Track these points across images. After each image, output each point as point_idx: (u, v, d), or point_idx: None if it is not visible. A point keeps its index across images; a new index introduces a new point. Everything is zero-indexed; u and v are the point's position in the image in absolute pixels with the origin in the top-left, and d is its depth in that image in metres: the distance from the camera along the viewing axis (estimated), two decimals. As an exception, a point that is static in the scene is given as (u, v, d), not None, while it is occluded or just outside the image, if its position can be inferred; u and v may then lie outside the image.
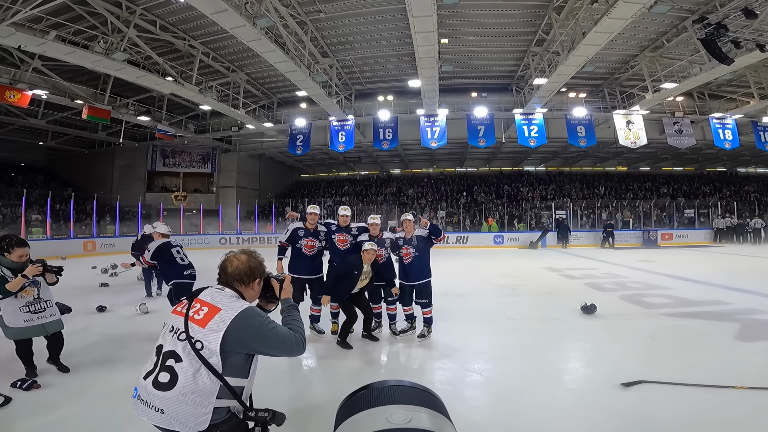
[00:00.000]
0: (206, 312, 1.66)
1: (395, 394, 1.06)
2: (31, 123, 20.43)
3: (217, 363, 1.58)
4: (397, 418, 0.91)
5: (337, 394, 3.18)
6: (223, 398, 1.60)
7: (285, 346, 1.70)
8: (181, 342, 1.62)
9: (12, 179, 23.91)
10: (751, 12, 9.12)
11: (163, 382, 1.58)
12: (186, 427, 1.55)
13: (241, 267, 1.81)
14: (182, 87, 15.97)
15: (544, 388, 3.40)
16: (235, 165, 26.14)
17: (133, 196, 23.25)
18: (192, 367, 1.57)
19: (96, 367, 3.81)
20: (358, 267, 4.51)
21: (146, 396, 1.60)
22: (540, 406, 3.07)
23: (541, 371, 3.78)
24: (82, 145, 25.45)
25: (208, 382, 1.57)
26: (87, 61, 13.47)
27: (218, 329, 1.61)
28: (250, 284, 1.83)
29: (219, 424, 1.60)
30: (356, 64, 17.71)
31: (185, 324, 1.64)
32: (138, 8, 13.21)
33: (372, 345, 4.67)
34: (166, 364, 1.61)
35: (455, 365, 4.01)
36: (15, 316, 3.34)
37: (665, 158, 28.00)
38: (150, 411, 1.58)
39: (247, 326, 1.64)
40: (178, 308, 1.75)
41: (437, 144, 19.19)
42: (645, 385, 3.32)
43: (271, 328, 1.69)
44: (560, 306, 6.46)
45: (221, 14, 10.43)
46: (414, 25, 10.85)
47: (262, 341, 1.67)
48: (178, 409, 1.55)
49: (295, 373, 3.96)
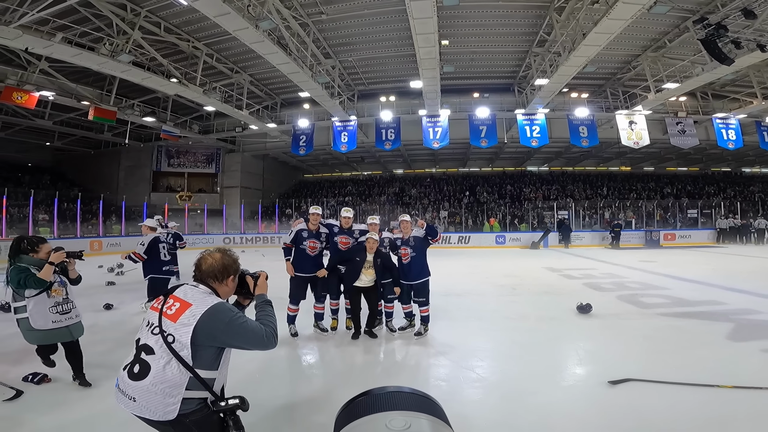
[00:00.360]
0: (178, 307, 1.75)
1: (395, 400, 1.05)
2: (38, 124, 20.71)
3: (187, 355, 1.66)
4: (397, 424, 0.92)
5: (335, 391, 3.33)
6: (193, 389, 1.67)
7: (254, 339, 1.76)
8: (154, 336, 1.71)
9: (19, 179, 24.23)
10: (750, 12, 9.14)
11: (135, 372, 1.68)
12: (155, 414, 1.64)
13: (215, 264, 1.89)
14: (186, 88, 16.15)
15: (535, 386, 3.49)
16: (239, 165, 26.35)
17: (139, 196, 23.48)
18: (163, 359, 1.66)
19: (105, 363, 3.94)
20: (361, 254, 4.76)
21: (123, 386, 1.71)
22: (531, 403, 3.17)
23: (533, 369, 3.88)
24: (88, 146, 25.72)
25: (177, 373, 1.65)
26: (93, 63, 13.67)
27: (189, 323, 1.69)
28: (224, 281, 1.90)
29: (188, 414, 1.66)
30: (358, 65, 17.83)
31: (159, 319, 1.73)
32: (142, 10, 13.38)
33: (371, 342, 4.81)
34: (140, 357, 1.70)
35: (450, 362, 4.12)
36: (44, 316, 3.18)
37: (669, 158, 27.91)
38: (125, 399, 1.69)
39: (217, 320, 1.72)
40: (154, 304, 1.82)
41: (439, 144, 19.28)
42: (633, 383, 3.41)
43: (241, 322, 1.76)
44: (557, 306, 6.54)
45: (224, 17, 10.58)
46: (414, 27, 10.94)
47: (231, 335, 1.73)
48: (148, 398, 1.64)
49: (294, 369, 4.07)
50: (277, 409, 3.10)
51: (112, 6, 12.77)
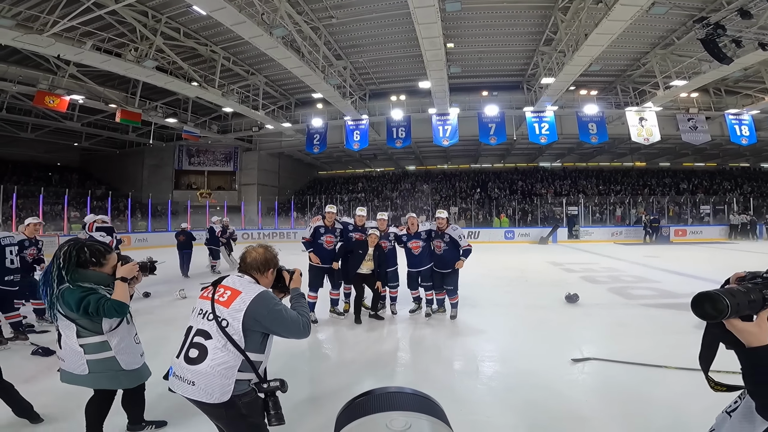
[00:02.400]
0: (229, 295, 1.89)
1: (395, 400, 1.03)
2: (67, 125, 21.94)
3: (239, 339, 1.80)
4: (397, 424, 0.91)
5: (338, 370, 3.92)
6: (243, 371, 1.82)
7: (293, 328, 1.90)
8: (209, 322, 1.84)
9: (50, 178, 25.67)
10: (746, 12, 9.28)
11: (192, 357, 1.81)
12: (212, 397, 1.77)
13: (258, 258, 2.06)
14: (206, 91, 16.97)
15: (504, 360, 4.03)
16: (256, 163, 27.27)
17: (162, 193, 24.62)
18: (219, 343, 1.80)
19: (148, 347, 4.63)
20: (364, 248, 5.47)
21: (180, 371, 1.84)
22: (494, 373, 3.72)
23: (507, 346, 4.44)
24: (114, 146, 27.02)
25: (232, 356, 1.79)
26: (120, 69, 14.56)
27: (240, 309, 1.83)
28: (265, 273, 2.06)
29: (240, 396, 1.81)
30: (369, 66, 18.34)
31: (212, 306, 1.87)
32: (163, 17, 14.15)
33: (375, 323, 5.51)
34: (195, 341, 1.84)
35: (434, 337, 4.69)
36: (133, 351, 2.44)
37: (685, 154, 27.56)
38: (183, 384, 1.82)
39: (262, 306, 1.86)
40: (204, 293, 1.96)
41: (449, 142, 19.68)
42: (593, 362, 3.89)
43: (282, 310, 1.90)
44: (548, 296, 6.99)
45: (240, 25, 11.26)
46: (420, 32, 11.39)
47: (272, 321, 1.87)
48: (207, 380, 1.77)
49: (313, 350, 4.69)
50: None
51: (134, 13, 13.57)
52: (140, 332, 2.60)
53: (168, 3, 13.41)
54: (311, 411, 3.05)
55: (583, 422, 2.84)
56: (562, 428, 2.79)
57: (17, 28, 11.64)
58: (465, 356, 4.32)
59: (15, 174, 23.90)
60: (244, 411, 1.84)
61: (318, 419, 2.86)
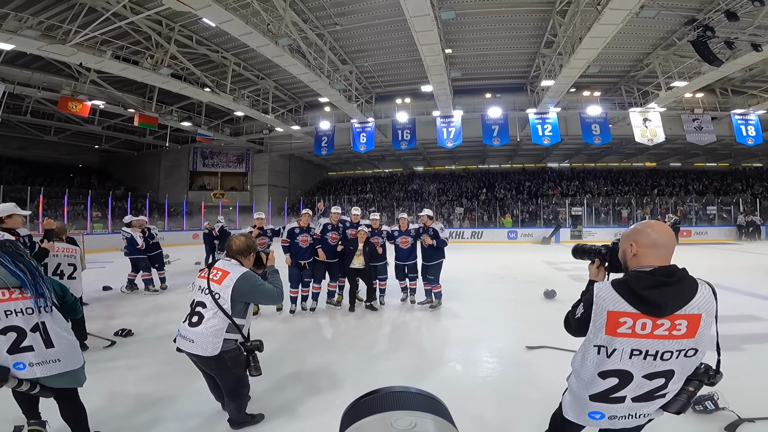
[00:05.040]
0: (221, 275, 2.47)
1: (401, 400, 1.03)
2: (88, 129, 23.01)
3: (228, 308, 2.40)
4: (402, 423, 0.90)
5: (328, 350, 4.46)
6: (230, 332, 2.42)
7: (270, 297, 2.57)
8: (206, 295, 2.44)
9: (71, 179, 26.92)
10: (732, 14, 9.47)
11: (194, 322, 2.43)
12: (206, 351, 2.38)
13: (241, 245, 2.63)
14: (219, 96, 17.72)
15: (469, 345, 4.51)
16: (267, 165, 28.09)
17: (178, 194, 25.60)
18: (212, 311, 2.40)
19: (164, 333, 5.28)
20: (354, 244, 6.09)
21: (184, 332, 2.46)
22: (458, 361, 4.17)
23: (474, 334, 4.90)
24: (132, 148, 28.15)
25: (220, 320, 2.39)
26: (138, 76, 15.39)
27: (229, 285, 2.42)
28: (247, 256, 2.65)
29: (227, 352, 2.42)
30: (374, 70, 18.86)
31: (208, 284, 2.45)
32: (176, 25, 14.94)
33: (370, 314, 6.06)
34: (195, 310, 2.45)
35: (416, 325, 5.17)
36: None
37: (696, 154, 27.32)
38: (185, 341, 2.44)
39: (246, 283, 2.45)
40: (202, 274, 2.55)
41: (453, 144, 20.04)
42: (546, 349, 4.30)
43: (261, 284, 2.54)
44: (531, 292, 7.36)
45: (248, 36, 11.90)
46: (418, 39, 11.84)
47: (255, 293, 2.50)
48: (203, 339, 2.38)
49: (316, 337, 5.23)
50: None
51: (149, 22, 14.33)
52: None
53: (180, 12, 14.08)
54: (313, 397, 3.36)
55: (514, 399, 3.30)
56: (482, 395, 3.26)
57: (42, 38, 12.48)
58: (438, 339, 4.84)
59: (39, 175, 25.18)
60: (230, 364, 2.45)
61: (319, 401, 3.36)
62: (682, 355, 1.45)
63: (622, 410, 1.52)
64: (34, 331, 2.13)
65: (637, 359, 1.45)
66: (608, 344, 1.47)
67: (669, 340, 1.42)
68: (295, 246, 6.06)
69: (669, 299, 1.40)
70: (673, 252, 1.51)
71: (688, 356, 1.45)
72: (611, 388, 1.50)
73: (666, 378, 1.47)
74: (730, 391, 2.85)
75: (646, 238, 1.50)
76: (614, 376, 1.50)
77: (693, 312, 1.41)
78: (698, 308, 1.42)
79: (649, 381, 1.47)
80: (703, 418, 2.77)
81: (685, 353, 1.45)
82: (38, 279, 2.19)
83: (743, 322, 5.31)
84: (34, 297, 2.14)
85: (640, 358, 1.44)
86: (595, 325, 1.51)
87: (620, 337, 1.45)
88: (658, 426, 2.65)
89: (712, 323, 1.44)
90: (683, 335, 1.42)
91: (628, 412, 1.52)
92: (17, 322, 2.11)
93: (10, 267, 2.15)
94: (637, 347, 1.44)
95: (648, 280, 1.43)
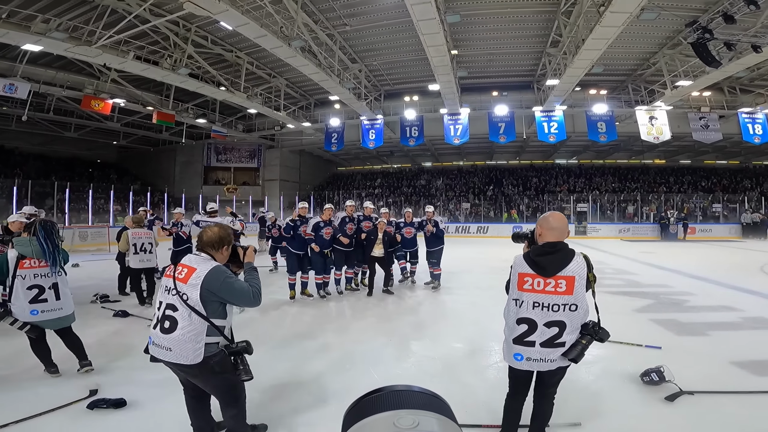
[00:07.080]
0: (186, 272, 2.11)
1: (403, 398, 1.06)
2: (107, 125, 23.87)
3: (200, 309, 2.04)
4: (405, 422, 0.91)
5: (347, 337, 5.01)
6: (211, 335, 2.08)
7: (244, 297, 2.13)
8: (173, 296, 2.09)
9: (91, 174, 27.91)
10: (730, 17, 9.71)
11: (166, 327, 2.07)
12: (188, 359, 2.03)
13: (213, 237, 2.25)
14: (233, 95, 18.39)
15: (443, 333, 4.94)
16: (278, 160, 28.78)
17: (193, 189, 26.47)
18: (185, 313, 2.05)
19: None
20: (374, 234, 6.91)
21: (158, 340, 2.09)
22: (428, 347, 4.52)
23: (449, 322, 5.47)
24: (148, 143, 29.03)
25: (197, 323, 2.04)
26: (158, 75, 16.10)
27: (196, 283, 2.06)
28: (220, 249, 2.25)
29: (211, 356, 2.07)
30: (383, 68, 19.31)
31: (173, 283, 2.11)
32: (192, 26, 15.56)
33: (388, 297, 6.81)
34: (166, 314, 2.09)
35: (411, 308, 5.76)
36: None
37: (705, 151, 27.23)
38: (162, 350, 2.08)
39: (215, 279, 2.08)
40: (168, 272, 2.20)
41: (460, 141, 20.46)
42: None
43: (233, 281, 2.13)
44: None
45: (262, 38, 12.47)
46: (425, 41, 12.27)
47: (225, 291, 2.10)
48: (181, 346, 2.03)
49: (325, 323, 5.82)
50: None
51: (167, 23, 14.93)
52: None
53: (197, 14, 14.74)
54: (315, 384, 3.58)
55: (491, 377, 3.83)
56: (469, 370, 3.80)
57: (69, 40, 13.17)
58: (431, 318, 5.49)
59: (60, 170, 26.19)
60: (218, 369, 2.11)
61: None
62: (568, 309, 2.02)
63: (535, 354, 2.08)
64: (51, 288, 3.31)
65: (537, 310, 2.04)
66: (519, 297, 2.09)
67: (556, 296, 2.01)
68: (320, 238, 6.65)
69: (549, 264, 2.02)
70: (565, 233, 2.11)
71: (572, 310, 2.02)
72: (524, 332, 2.08)
73: (560, 328, 2.03)
74: (681, 368, 3.33)
75: (546, 223, 2.14)
76: (524, 323, 2.07)
77: (569, 274, 2.01)
78: (572, 271, 2.01)
79: (548, 329, 2.04)
80: (650, 388, 3.23)
81: (570, 307, 2.01)
82: (57, 254, 3.32)
83: (717, 311, 5.76)
84: (51, 265, 3.31)
85: (539, 309, 2.04)
86: (513, 284, 2.14)
87: (526, 292, 2.07)
88: (607, 392, 3.16)
89: (584, 284, 2.03)
90: (564, 292, 2.01)
91: (539, 356, 2.07)
92: (41, 282, 3.28)
93: (42, 242, 3.26)
94: (536, 300, 2.04)
95: (539, 250, 2.09)
